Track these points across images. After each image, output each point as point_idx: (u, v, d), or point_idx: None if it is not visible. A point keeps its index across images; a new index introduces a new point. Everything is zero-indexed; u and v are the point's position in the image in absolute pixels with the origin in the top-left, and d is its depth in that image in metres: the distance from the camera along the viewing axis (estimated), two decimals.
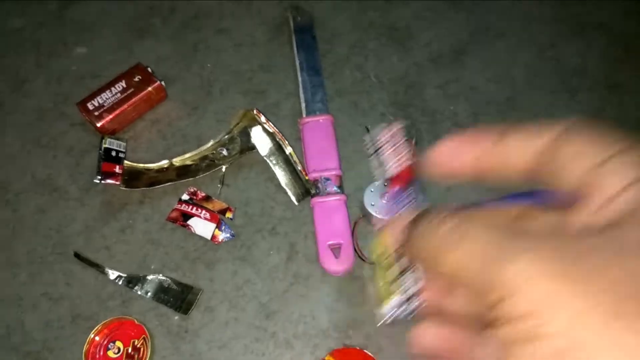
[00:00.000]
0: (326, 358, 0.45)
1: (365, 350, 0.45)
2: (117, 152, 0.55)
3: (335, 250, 0.50)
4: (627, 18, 0.63)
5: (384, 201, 0.50)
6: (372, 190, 0.52)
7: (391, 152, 0.42)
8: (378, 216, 0.50)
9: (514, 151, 0.19)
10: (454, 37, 0.63)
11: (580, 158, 0.17)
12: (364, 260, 0.50)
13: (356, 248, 0.51)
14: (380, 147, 0.39)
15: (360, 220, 0.52)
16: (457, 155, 0.21)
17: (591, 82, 0.59)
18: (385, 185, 0.41)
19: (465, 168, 0.21)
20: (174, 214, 0.53)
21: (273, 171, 0.55)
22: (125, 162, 0.54)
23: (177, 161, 0.56)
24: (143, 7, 0.67)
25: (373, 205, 0.51)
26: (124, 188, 0.54)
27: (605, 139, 0.17)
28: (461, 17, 0.64)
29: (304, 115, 0.58)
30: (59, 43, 0.64)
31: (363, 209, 0.52)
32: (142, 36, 0.65)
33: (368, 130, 0.57)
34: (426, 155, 0.22)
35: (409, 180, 0.39)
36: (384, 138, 0.41)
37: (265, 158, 0.56)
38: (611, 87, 0.59)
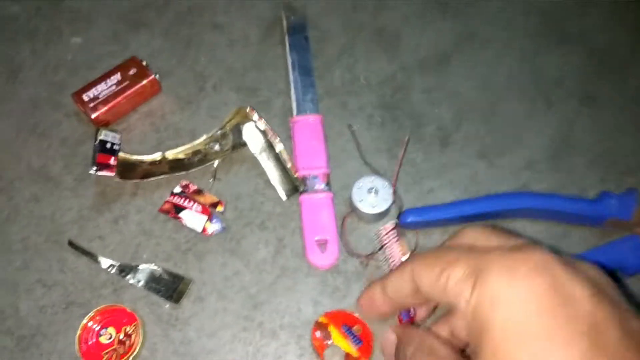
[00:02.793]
0: (320, 319, 0.49)
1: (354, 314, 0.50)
2: (112, 144, 0.56)
3: (322, 245, 0.53)
4: (604, 33, 0.66)
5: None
6: (360, 186, 0.54)
7: (390, 250, 0.48)
8: (365, 210, 0.53)
9: (397, 297, 0.29)
10: (441, 43, 0.66)
11: (430, 289, 0.25)
12: (352, 255, 0.53)
13: (345, 242, 0.53)
14: (384, 245, 0.46)
15: (348, 216, 0.55)
16: (370, 307, 0.31)
17: (567, 93, 0.62)
18: None
19: (381, 314, 0.31)
20: (166, 206, 0.55)
21: (263, 167, 0.57)
22: (120, 153, 0.56)
23: (169, 154, 0.57)
24: None
25: (361, 200, 0.53)
26: (118, 179, 0.55)
27: (434, 259, 0.25)
28: (448, 24, 0.67)
29: (295, 114, 0.60)
30: (55, 32, 0.65)
31: (351, 204, 0.54)
32: (137, 29, 0.66)
33: (351, 131, 0.60)
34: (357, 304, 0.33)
35: None
36: (385, 237, 0.47)
37: (256, 155, 0.58)
38: (585, 99, 0.62)
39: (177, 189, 0.56)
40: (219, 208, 0.55)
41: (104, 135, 0.56)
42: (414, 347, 0.27)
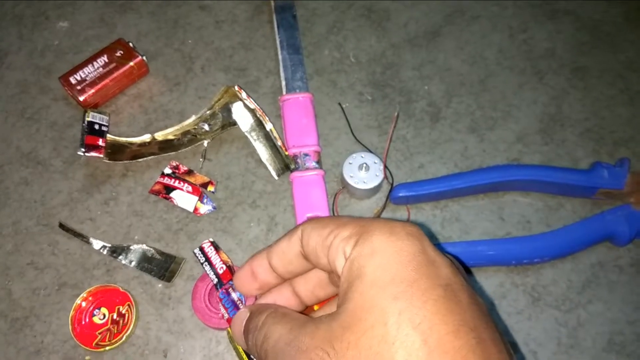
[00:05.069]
0: None
1: None
2: (100, 125, 0.56)
3: None
4: (595, 5, 0.66)
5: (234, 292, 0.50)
6: (351, 162, 0.54)
7: (211, 263, 0.50)
8: (357, 186, 0.53)
9: (280, 262, 0.30)
10: (430, 19, 0.65)
11: (317, 246, 0.27)
12: None
13: None
14: (204, 261, 0.48)
15: (340, 192, 0.55)
16: (250, 282, 0.32)
17: (558, 65, 0.62)
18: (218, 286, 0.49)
19: (262, 285, 0.32)
20: (157, 187, 0.55)
21: (254, 146, 0.57)
22: (108, 135, 0.56)
23: (159, 136, 0.57)
24: None
25: (352, 176, 0.53)
26: (107, 161, 0.55)
27: (327, 222, 0.27)
28: None
29: (284, 93, 0.59)
30: (41, 17, 0.65)
31: (343, 180, 0.54)
32: (124, 11, 0.66)
33: (342, 108, 0.59)
34: (234, 278, 0.33)
35: (227, 279, 0.49)
36: (203, 254, 0.49)
37: (246, 134, 0.57)
38: (577, 70, 0.62)
39: (167, 170, 0.56)
40: (210, 188, 0.55)
41: (91, 116, 0.55)
42: (266, 314, 0.28)
